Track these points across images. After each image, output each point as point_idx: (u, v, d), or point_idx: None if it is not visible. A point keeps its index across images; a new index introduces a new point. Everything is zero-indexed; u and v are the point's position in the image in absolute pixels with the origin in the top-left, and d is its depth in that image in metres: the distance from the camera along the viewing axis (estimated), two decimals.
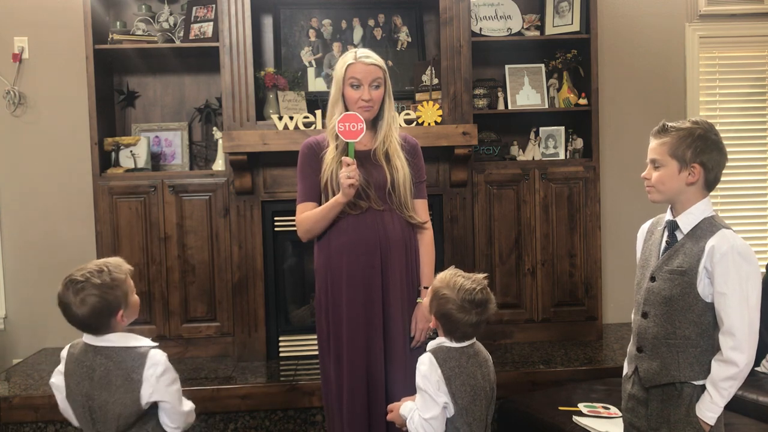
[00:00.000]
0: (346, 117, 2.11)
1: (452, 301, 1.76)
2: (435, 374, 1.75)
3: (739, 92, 4.02)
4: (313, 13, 3.62)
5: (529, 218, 3.56)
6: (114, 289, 1.67)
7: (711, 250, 1.70)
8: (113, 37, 3.47)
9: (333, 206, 2.16)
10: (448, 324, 1.79)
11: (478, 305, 1.76)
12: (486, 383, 1.81)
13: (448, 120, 3.33)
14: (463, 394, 1.76)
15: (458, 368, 1.77)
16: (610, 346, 3.47)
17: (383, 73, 2.23)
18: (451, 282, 1.80)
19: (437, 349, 1.81)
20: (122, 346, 1.70)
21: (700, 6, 3.90)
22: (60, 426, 2.96)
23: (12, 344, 3.73)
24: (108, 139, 3.48)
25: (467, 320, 1.76)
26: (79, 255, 3.66)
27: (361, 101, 2.18)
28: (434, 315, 1.82)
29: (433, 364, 1.77)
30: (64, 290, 1.72)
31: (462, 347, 1.81)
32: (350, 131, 2.09)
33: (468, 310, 1.76)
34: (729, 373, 1.67)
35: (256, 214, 3.37)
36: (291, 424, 3.02)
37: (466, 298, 1.76)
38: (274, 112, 3.39)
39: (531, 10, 3.72)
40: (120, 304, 1.68)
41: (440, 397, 1.75)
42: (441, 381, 1.75)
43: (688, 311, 1.74)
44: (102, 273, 1.67)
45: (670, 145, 1.76)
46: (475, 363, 1.80)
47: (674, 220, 1.80)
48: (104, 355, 1.69)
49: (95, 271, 1.68)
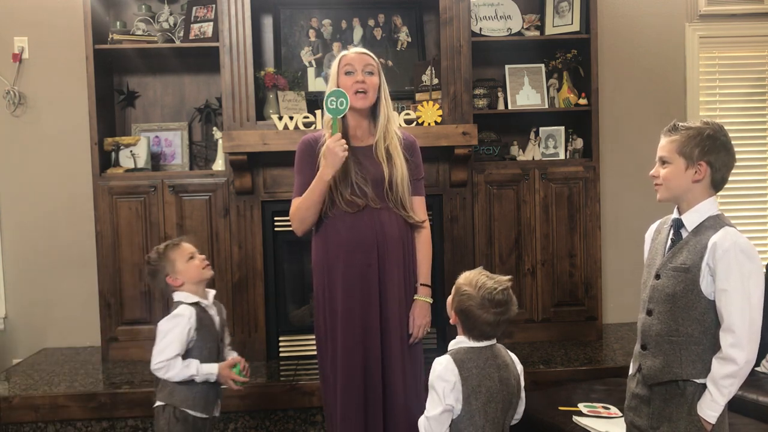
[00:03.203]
0: (334, 92, 2.11)
1: (473, 299, 1.79)
2: (452, 375, 1.77)
3: (739, 92, 4.02)
4: (313, 13, 3.63)
5: (529, 218, 3.56)
6: (159, 261, 2.20)
7: (713, 247, 1.70)
8: (113, 37, 3.47)
9: (319, 185, 2.16)
10: (467, 321, 1.81)
11: (498, 305, 1.78)
12: (504, 387, 1.81)
13: (448, 120, 3.33)
14: (477, 396, 1.77)
15: (475, 369, 1.78)
16: (610, 346, 3.47)
17: (376, 64, 2.26)
18: (474, 280, 1.82)
19: (456, 350, 1.83)
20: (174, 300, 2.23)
21: (700, 6, 3.90)
22: (60, 426, 2.96)
23: (12, 344, 3.73)
24: (108, 139, 3.48)
25: (486, 318, 1.78)
26: (79, 255, 3.67)
27: (355, 84, 2.19)
28: (454, 311, 1.85)
29: (451, 364, 1.78)
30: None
31: (480, 347, 1.82)
32: (338, 108, 2.10)
33: (487, 308, 1.78)
34: (728, 371, 1.67)
35: (256, 214, 3.37)
36: (291, 424, 3.02)
37: (487, 297, 1.78)
38: (274, 112, 3.39)
39: (531, 10, 3.72)
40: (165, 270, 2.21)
41: (448, 398, 1.76)
42: (458, 382, 1.76)
43: (691, 308, 1.74)
44: (152, 252, 2.25)
45: (678, 143, 1.77)
46: (494, 365, 1.81)
47: (679, 218, 1.81)
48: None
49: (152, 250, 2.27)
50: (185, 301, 2.18)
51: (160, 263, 2.20)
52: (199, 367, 2.14)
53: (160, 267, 2.20)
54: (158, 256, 2.21)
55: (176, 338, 2.11)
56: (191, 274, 2.20)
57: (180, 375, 2.12)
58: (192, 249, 2.24)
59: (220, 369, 2.18)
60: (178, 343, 2.11)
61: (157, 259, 2.20)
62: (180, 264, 2.19)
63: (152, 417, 2.95)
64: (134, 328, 3.44)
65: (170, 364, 2.11)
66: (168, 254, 2.20)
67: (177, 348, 2.11)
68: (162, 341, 2.13)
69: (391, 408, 2.21)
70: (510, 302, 1.81)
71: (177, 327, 2.12)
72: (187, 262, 2.20)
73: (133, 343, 3.43)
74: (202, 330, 2.18)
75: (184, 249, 2.22)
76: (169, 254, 2.20)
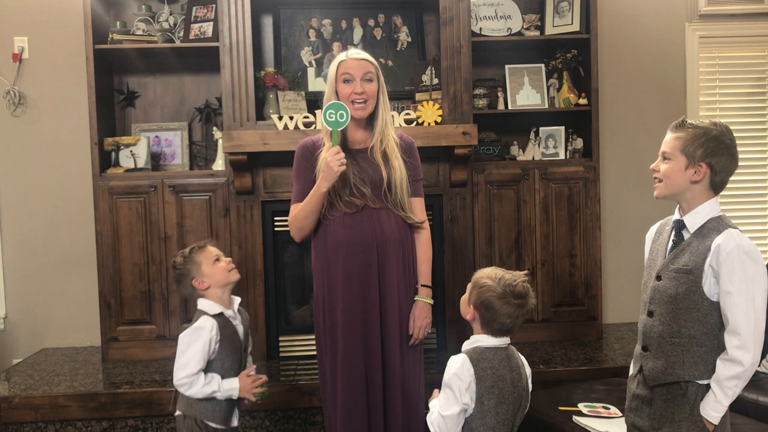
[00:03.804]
0: (332, 105, 2.10)
1: (493, 290, 1.81)
2: (468, 374, 1.78)
3: (739, 92, 4.02)
4: (313, 13, 3.63)
5: (529, 218, 3.56)
6: (185, 264, 2.18)
7: (717, 249, 1.70)
8: (113, 37, 3.47)
9: (316, 197, 2.16)
10: (486, 313, 1.82)
11: (518, 296, 1.81)
12: (515, 389, 1.82)
13: (448, 120, 3.33)
14: (490, 396, 1.78)
15: (490, 369, 1.79)
16: (610, 346, 3.47)
17: (375, 69, 2.24)
18: (493, 274, 1.85)
19: (472, 350, 1.83)
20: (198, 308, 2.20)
21: (700, 6, 3.90)
22: (60, 426, 2.96)
23: (12, 344, 3.73)
24: (108, 139, 3.48)
25: (506, 311, 1.80)
26: (79, 255, 3.67)
27: (354, 95, 2.19)
28: (473, 305, 1.85)
29: (467, 363, 1.79)
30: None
31: (497, 347, 1.83)
32: (337, 120, 2.10)
33: (508, 299, 1.80)
34: (734, 372, 1.67)
35: (256, 214, 3.37)
36: (291, 424, 3.02)
37: (508, 288, 1.81)
38: (274, 112, 3.39)
39: (531, 10, 3.72)
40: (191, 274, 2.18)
41: (465, 396, 1.77)
42: (473, 381, 1.77)
43: (694, 310, 1.74)
44: (178, 256, 2.24)
45: (683, 141, 1.77)
46: (507, 366, 1.82)
47: (681, 220, 1.81)
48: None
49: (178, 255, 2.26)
50: (208, 311, 2.14)
51: (185, 267, 2.17)
52: (221, 384, 2.11)
53: (185, 271, 2.17)
54: (184, 259, 2.18)
55: (198, 352, 2.07)
56: (218, 277, 2.17)
57: (202, 392, 2.09)
58: (218, 252, 2.22)
59: (241, 381, 2.15)
60: (199, 357, 2.07)
61: (183, 263, 2.18)
62: (206, 267, 2.17)
63: (152, 417, 2.98)
64: (134, 328, 3.44)
65: (192, 380, 2.07)
66: (194, 257, 2.18)
67: (199, 363, 2.07)
68: (183, 356, 2.08)
69: (391, 408, 2.20)
70: (528, 295, 1.84)
71: (198, 341, 2.08)
72: (213, 265, 2.17)
73: (133, 343, 3.43)
74: (225, 342, 2.14)
75: (209, 252, 2.20)
76: (195, 257, 2.18)
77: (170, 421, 2.97)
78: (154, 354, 3.43)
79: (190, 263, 2.17)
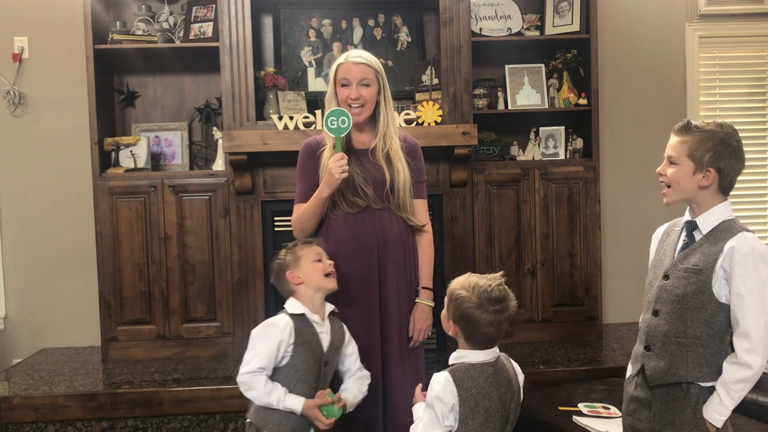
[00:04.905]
0: (334, 112, 2.11)
1: (469, 300, 1.70)
2: (451, 397, 1.68)
3: (739, 92, 4.02)
4: (313, 13, 3.63)
5: (529, 218, 3.56)
6: (287, 255, 2.12)
7: (730, 251, 1.68)
8: (113, 37, 3.47)
9: (317, 201, 2.17)
10: (467, 326, 1.71)
11: (496, 301, 1.70)
12: (502, 405, 1.72)
13: (448, 120, 3.33)
14: (475, 416, 1.68)
15: (475, 389, 1.69)
16: (610, 346, 3.47)
17: (374, 72, 2.22)
18: (466, 283, 1.74)
19: (456, 368, 1.72)
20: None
21: (700, 6, 3.90)
22: (60, 426, 2.96)
23: (12, 344, 3.73)
24: (108, 139, 3.48)
25: (486, 319, 1.69)
26: (79, 255, 3.67)
27: (349, 99, 2.19)
28: (452, 320, 1.74)
29: (450, 384, 1.68)
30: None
31: (483, 364, 1.73)
32: (339, 127, 2.10)
33: (486, 307, 1.69)
34: (742, 376, 1.66)
35: (256, 214, 3.37)
36: None
37: (483, 296, 1.69)
38: (274, 112, 3.39)
39: (531, 10, 3.72)
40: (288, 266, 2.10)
41: (448, 419, 1.68)
42: (456, 404, 1.68)
43: (701, 310, 1.72)
44: (281, 250, 2.17)
45: (690, 145, 1.74)
46: (494, 383, 1.72)
47: (694, 221, 1.79)
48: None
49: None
50: (289, 310, 2.05)
51: (287, 258, 2.10)
52: (282, 399, 1.94)
53: (285, 263, 2.10)
54: (286, 252, 2.12)
55: (265, 350, 1.95)
56: (313, 277, 2.06)
57: (260, 399, 1.95)
58: (321, 252, 2.12)
59: (306, 408, 1.96)
60: (265, 355, 1.94)
61: (285, 254, 2.11)
62: (305, 262, 2.08)
63: (152, 417, 2.98)
64: (134, 328, 3.44)
65: (253, 380, 1.94)
66: (297, 250, 2.11)
67: (263, 361, 1.94)
68: (250, 351, 1.97)
69: (391, 410, 2.20)
70: (507, 297, 1.73)
71: (268, 338, 1.97)
72: (312, 263, 2.08)
73: (133, 343, 3.43)
74: (301, 347, 1.99)
75: (313, 249, 2.11)
76: (297, 251, 2.10)
77: (170, 421, 2.97)
78: (154, 354, 3.43)
79: (291, 255, 2.10)
